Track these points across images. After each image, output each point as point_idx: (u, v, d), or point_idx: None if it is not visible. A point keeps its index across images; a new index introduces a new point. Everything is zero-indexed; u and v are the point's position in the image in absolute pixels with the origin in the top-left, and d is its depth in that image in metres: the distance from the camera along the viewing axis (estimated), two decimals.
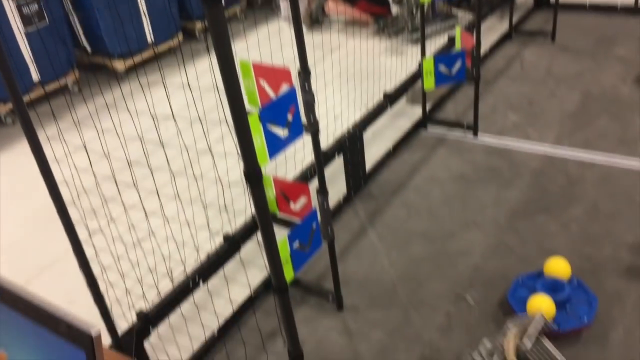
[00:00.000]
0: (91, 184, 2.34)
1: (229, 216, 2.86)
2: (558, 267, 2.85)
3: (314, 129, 2.35)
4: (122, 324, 2.44)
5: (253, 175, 1.23)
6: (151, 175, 2.38)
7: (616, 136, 4.08)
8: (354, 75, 4.03)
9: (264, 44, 2.93)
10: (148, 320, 2.46)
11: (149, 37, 5.95)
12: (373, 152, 4.20)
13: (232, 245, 2.88)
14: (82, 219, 2.19)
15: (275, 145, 2.26)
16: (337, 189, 3.79)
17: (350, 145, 3.63)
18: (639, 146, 3.94)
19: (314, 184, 2.69)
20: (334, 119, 3.89)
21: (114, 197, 2.38)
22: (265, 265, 1.71)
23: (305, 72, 2.24)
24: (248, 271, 3.08)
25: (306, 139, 2.59)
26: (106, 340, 2.34)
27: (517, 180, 3.80)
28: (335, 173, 3.81)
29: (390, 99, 4.07)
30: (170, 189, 2.46)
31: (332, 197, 3.64)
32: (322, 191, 2.58)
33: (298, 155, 3.26)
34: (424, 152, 4.25)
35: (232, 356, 2.72)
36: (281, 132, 2.26)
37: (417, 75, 4.27)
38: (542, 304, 2.64)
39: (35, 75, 5.29)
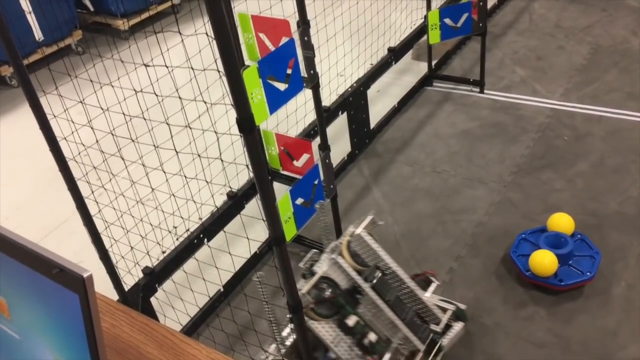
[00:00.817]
0: (93, 142, 2.34)
1: (235, 172, 2.86)
2: (561, 222, 2.84)
3: (314, 82, 2.32)
4: (130, 282, 2.48)
5: (246, 123, 1.22)
6: (152, 132, 2.38)
7: (625, 90, 4.01)
8: (357, 30, 3.95)
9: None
10: (154, 276, 2.50)
11: None
12: (378, 110, 4.16)
13: (236, 202, 2.89)
14: (84, 176, 2.20)
15: (276, 100, 2.24)
16: (341, 147, 3.77)
17: (354, 102, 3.60)
18: None
19: (317, 142, 2.68)
20: (337, 76, 3.84)
21: (116, 155, 2.39)
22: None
23: (304, 24, 2.19)
24: (253, 228, 3.10)
25: (309, 96, 2.56)
26: (113, 296, 2.38)
27: (523, 136, 3.76)
28: (340, 131, 3.78)
29: (395, 54, 4.00)
30: (172, 145, 2.46)
31: (336, 156, 3.64)
32: (324, 147, 2.57)
33: (300, 113, 3.23)
34: (430, 108, 4.20)
35: (236, 311, 2.77)
36: (281, 85, 2.24)
37: (423, 30, 4.18)
38: (544, 259, 2.65)
39: (38, 36, 5.25)
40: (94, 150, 2.39)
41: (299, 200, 2.50)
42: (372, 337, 2.19)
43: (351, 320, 2.16)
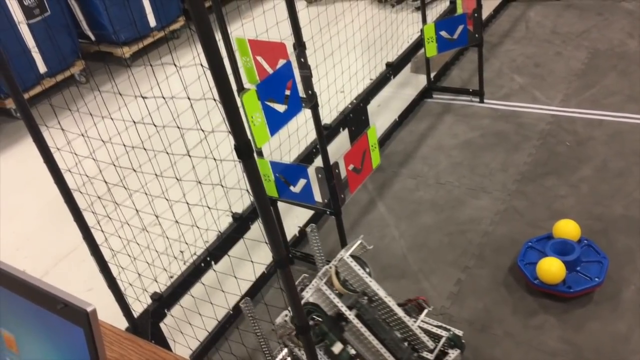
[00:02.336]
0: (97, 173, 2.38)
1: (239, 194, 2.89)
2: (567, 229, 2.84)
3: (312, 102, 2.34)
4: (139, 309, 2.50)
5: (244, 149, 1.24)
6: (155, 159, 2.41)
7: (624, 93, 4.01)
8: (354, 47, 3.99)
9: (260, 22, 2.91)
10: (162, 302, 2.51)
11: (152, 21, 5.95)
12: (379, 124, 4.18)
13: (240, 224, 2.91)
14: (89, 207, 2.23)
15: (276, 121, 2.27)
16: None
17: (355, 118, 3.62)
18: None
19: (319, 160, 2.70)
20: (337, 93, 3.88)
21: (119, 185, 2.42)
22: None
23: (300, 46, 2.22)
24: (259, 249, 3.11)
25: (309, 115, 2.59)
26: (122, 324, 2.40)
27: (525, 144, 3.76)
28: (342, 148, 3.80)
29: (393, 68, 4.03)
30: (175, 172, 2.49)
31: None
32: (326, 167, 2.58)
33: (302, 132, 3.26)
34: (430, 120, 4.22)
35: (245, 334, 2.77)
36: (280, 107, 2.27)
37: (420, 44, 4.22)
38: (551, 267, 2.64)
39: (42, 69, 5.33)
40: (98, 181, 2.42)
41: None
42: None
43: (337, 348, 2.13)
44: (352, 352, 2.18)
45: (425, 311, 2.35)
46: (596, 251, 2.77)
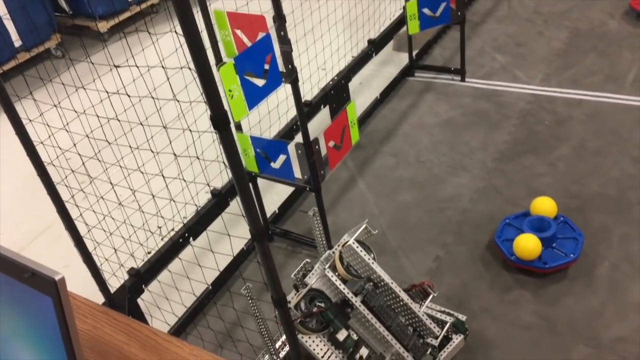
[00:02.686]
0: (72, 146, 2.33)
1: (217, 172, 2.86)
2: (544, 206, 2.87)
3: (292, 77, 2.32)
4: (116, 285, 2.48)
5: (220, 120, 1.21)
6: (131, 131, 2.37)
7: (604, 73, 4.04)
8: (335, 22, 3.95)
9: None
10: (139, 278, 2.49)
11: None
12: (360, 102, 4.16)
13: (220, 200, 2.89)
14: (63, 181, 2.19)
15: (254, 95, 2.24)
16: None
17: (336, 95, 3.60)
18: (627, 82, 3.91)
19: (299, 137, 2.68)
20: (318, 69, 3.84)
21: (95, 158, 2.38)
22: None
23: (279, 19, 2.19)
24: (238, 227, 3.10)
25: (290, 92, 2.56)
26: (99, 299, 2.37)
27: (505, 123, 3.78)
28: (323, 125, 3.77)
29: (375, 45, 4.01)
30: (151, 145, 2.45)
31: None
32: (306, 143, 2.56)
33: (282, 108, 3.24)
34: (412, 99, 4.22)
35: (224, 309, 2.77)
36: (259, 81, 2.24)
37: (402, 21, 4.19)
38: (528, 243, 2.67)
39: (17, 41, 5.20)
40: (75, 155, 2.37)
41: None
42: (363, 352, 2.14)
43: (341, 335, 2.11)
44: (355, 337, 2.17)
45: (430, 297, 2.34)
46: (572, 228, 2.81)
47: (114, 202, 2.44)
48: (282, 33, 2.24)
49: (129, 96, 2.13)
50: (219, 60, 2.51)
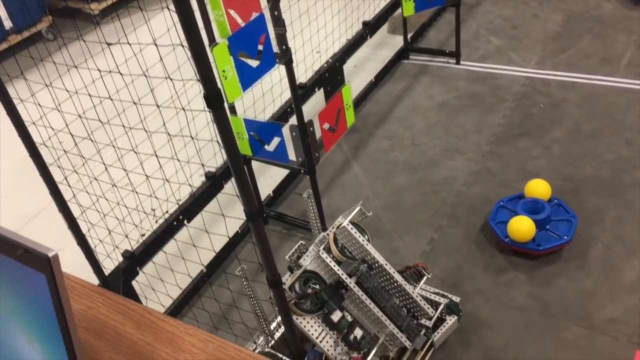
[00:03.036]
0: (64, 127, 2.31)
1: (213, 152, 2.85)
2: (538, 188, 2.87)
3: (286, 58, 2.30)
4: (110, 267, 2.47)
5: (214, 98, 1.21)
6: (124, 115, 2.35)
7: (599, 56, 4.03)
8: (330, 4, 3.91)
9: None
10: (134, 260, 2.49)
11: None
12: (355, 85, 4.14)
13: (214, 183, 2.88)
14: (56, 161, 2.17)
15: (248, 76, 2.22)
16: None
17: (330, 77, 3.58)
18: (621, 65, 3.91)
19: (293, 120, 2.66)
20: (312, 52, 3.81)
21: (88, 139, 2.36)
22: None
23: None
24: (233, 209, 3.09)
25: (284, 74, 2.54)
26: (94, 281, 2.37)
27: (500, 106, 3.77)
28: (318, 108, 3.76)
29: (370, 28, 3.98)
30: (145, 126, 2.43)
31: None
32: (300, 125, 2.55)
33: (277, 91, 3.21)
34: (407, 82, 4.20)
35: (219, 291, 2.78)
36: (253, 62, 2.22)
37: (397, 3, 4.16)
38: (522, 225, 2.68)
39: (7, 24, 5.13)
40: (68, 137, 2.35)
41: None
42: (357, 333, 2.16)
43: (336, 316, 2.12)
44: (349, 318, 2.18)
45: (425, 278, 2.35)
46: (566, 210, 2.82)
47: (108, 184, 2.42)
48: (275, 13, 2.22)
49: (121, 74, 2.11)
50: (212, 41, 2.48)
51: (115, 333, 1.22)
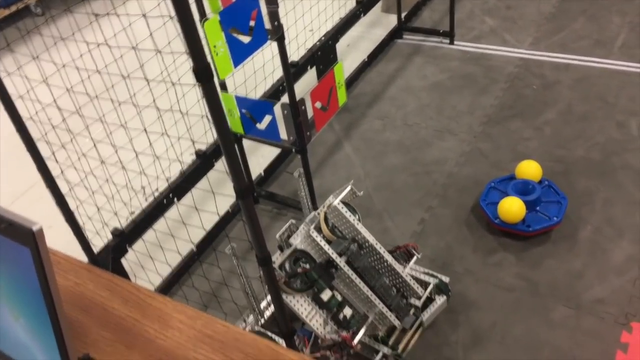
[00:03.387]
0: (52, 101, 2.27)
1: (202, 132, 2.82)
2: (529, 169, 2.88)
3: (279, 34, 2.26)
4: (100, 244, 2.45)
5: (203, 72, 1.18)
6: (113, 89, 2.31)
7: (593, 37, 4.02)
8: None
9: None
10: (124, 238, 2.47)
11: None
12: (348, 64, 4.11)
13: (205, 161, 2.86)
14: (44, 137, 2.14)
15: (240, 53, 2.19)
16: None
17: (323, 56, 3.54)
18: (615, 47, 3.90)
19: (285, 98, 2.63)
20: (304, 29, 3.77)
21: (77, 113, 2.32)
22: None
23: None
24: (224, 188, 3.08)
25: (276, 51, 2.51)
26: (83, 259, 2.36)
27: (493, 87, 3.76)
28: (310, 86, 3.73)
29: (363, 6, 3.93)
30: (136, 101, 2.40)
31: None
32: (292, 103, 2.53)
33: (268, 68, 3.17)
34: (400, 61, 4.17)
35: (210, 269, 2.77)
36: (244, 38, 2.18)
37: None
38: (512, 206, 2.69)
39: None
40: (56, 112, 2.32)
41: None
42: (347, 312, 2.16)
43: (325, 295, 2.12)
44: (339, 298, 2.18)
45: (415, 258, 2.35)
46: (556, 192, 2.83)
47: (97, 160, 2.39)
48: None
49: (109, 47, 2.07)
50: (203, 16, 2.44)
51: (103, 309, 1.21)
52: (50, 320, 0.89)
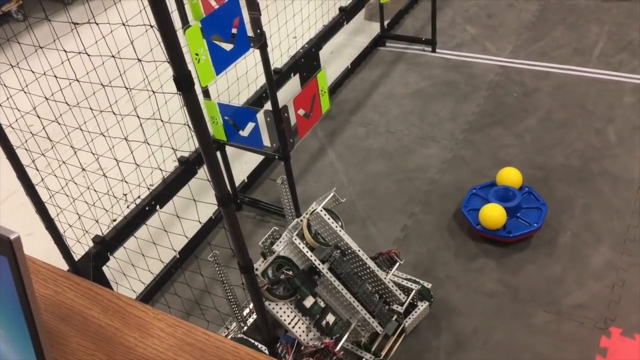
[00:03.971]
0: (31, 109, 2.26)
1: (185, 139, 2.81)
2: (510, 176, 2.91)
3: (261, 42, 2.27)
4: (81, 252, 2.43)
5: (183, 80, 1.19)
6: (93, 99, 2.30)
7: (572, 46, 4.08)
8: None
9: None
10: (105, 245, 2.45)
11: None
12: (331, 72, 4.13)
13: (187, 168, 2.85)
14: (23, 144, 2.12)
15: (222, 60, 2.20)
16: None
17: (306, 63, 3.55)
18: (593, 55, 3.97)
19: (269, 105, 2.64)
20: (288, 37, 3.78)
21: (57, 122, 2.30)
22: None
23: None
24: (206, 195, 3.07)
25: (259, 59, 2.51)
26: (64, 267, 2.33)
27: (474, 94, 3.80)
28: (293, 94, 3.74)
29: (346, 13, 3.95)
30: (117, 110, 2.38)
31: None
32: (275, 110, 2.53)
33: (252, 76, 3.18)
34: (383, 69, 4.20)
35: (192, 277, 2.76)
36: (226, 45, 2.19)
37: None
38: (493, 213, 2.72)
39: None
40: (36, 120, 2.30)
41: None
42: (330, 318, 2.17)
43: (308, 302, 2.13)
44: (322, 304, 2.18)
45: (397, 264, 2.36)
46: (536, 198, 2.86)
47: (77, 168, 2.38)
48: None
49: (89, 56, 2.06)
50: (185, 23, 2.44)
51: (83, 318, 1.20)
52: (28, 330, 0.89)
